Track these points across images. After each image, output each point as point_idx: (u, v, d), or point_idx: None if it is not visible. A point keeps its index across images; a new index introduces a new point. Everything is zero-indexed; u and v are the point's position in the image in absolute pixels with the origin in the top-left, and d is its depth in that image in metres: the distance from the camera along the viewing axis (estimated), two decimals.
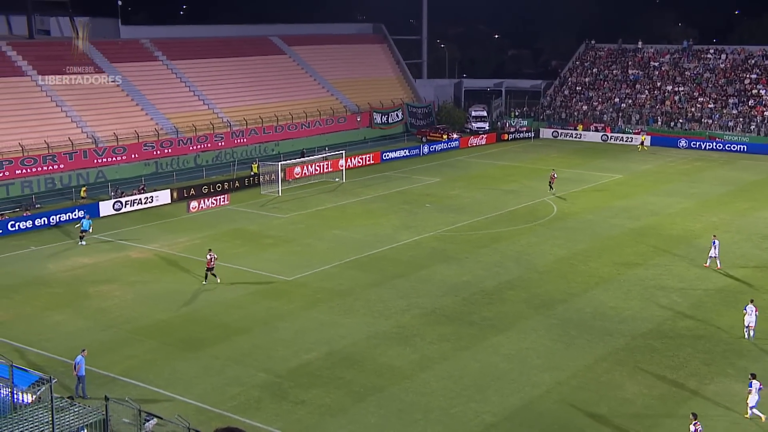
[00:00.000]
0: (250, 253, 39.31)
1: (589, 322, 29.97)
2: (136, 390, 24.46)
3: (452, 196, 51.73)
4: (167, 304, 32.11)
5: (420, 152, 68.34)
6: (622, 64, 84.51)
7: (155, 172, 58.08)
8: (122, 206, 47.92)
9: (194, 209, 48.29)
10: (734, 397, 23.94)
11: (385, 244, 40.43)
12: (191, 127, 63.09)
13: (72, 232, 42.54)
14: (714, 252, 35.68)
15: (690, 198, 50.80)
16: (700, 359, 26.63)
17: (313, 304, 32.00)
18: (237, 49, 75.40)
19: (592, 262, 37.18)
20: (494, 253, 38.84)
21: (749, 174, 59.00)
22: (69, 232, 43.04)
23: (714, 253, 35.70)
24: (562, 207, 48.26)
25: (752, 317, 28.14)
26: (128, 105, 63.23)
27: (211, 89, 69.24)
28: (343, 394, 24.38)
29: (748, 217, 45.67)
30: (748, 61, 78.49)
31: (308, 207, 49.14)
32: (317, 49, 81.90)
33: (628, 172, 59.92)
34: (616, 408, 23.45)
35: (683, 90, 78.33)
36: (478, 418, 22.90)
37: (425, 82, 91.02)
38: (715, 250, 35.64)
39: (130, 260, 38.42)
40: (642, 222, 44.62)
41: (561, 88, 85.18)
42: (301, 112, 71.07)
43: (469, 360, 26.71)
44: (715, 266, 35.81)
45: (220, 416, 23.03)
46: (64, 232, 43.36)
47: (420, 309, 31.36)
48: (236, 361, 26.68)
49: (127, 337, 28.83)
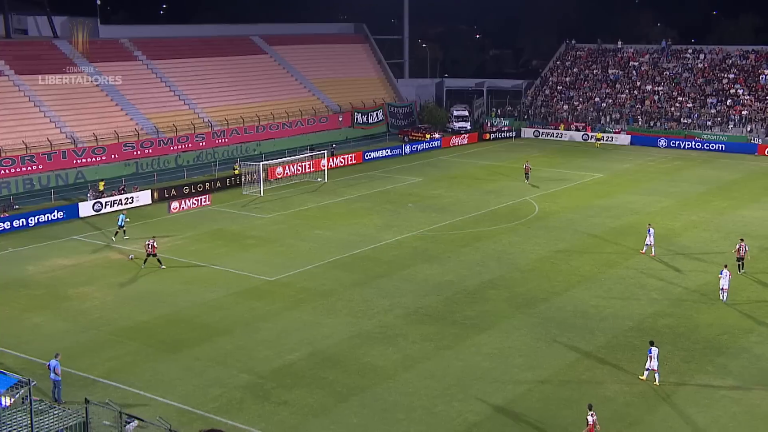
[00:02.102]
0: (232, 253, 39.13)
1: (571, 320, 30.13)
2: (116, 392, 24.25)
3: (434, 196, 51.82)
4: (148, 306, 31.88)
5: (402, 152, 68.39)
6: (602, 63, 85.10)
7: (136, 173, 57.64)
8: (102, 207, 47.51)
9: (175, 210, 47.99)
10: (714, 394, 24.18)
11: (367, 244, 40.42)
12: (172, 128, 62.70)
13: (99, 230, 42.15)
14: (650, 240, 37.63)
15: (670, 197, 51.24)
16: (680, 357, 26.86)
17: (296, 305, 31.92)
18: (218, 49, 75.03)
19: (574, 261, 37.39)
20: (476, 252, 38.95)
21: (727, 173, 59.63)
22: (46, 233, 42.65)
23: (650, 241, 37.61)
24: (544, 206, 48.51)
25: (726, 280, 31.39)
26: (108, 105, 62.71)
27: (192, 89, 68.85)
28: (326, 395, 24.33)
29: (727, 216, 46.15)
30: (725, 61, 79.32)
31: (290, 207, 49.01)
32: (298, 48, 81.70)
33: (608, 171, 60.34)
34: (598, 406, 23.52)
35: (662, 90, 79.02)
36: (460, 417, 22.95)
37: (407, 82, 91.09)
38: (651, 238, 37.62)
39: (110, 261, 38.11)
40: (622, 221, 44.95)
41: (542, 88, 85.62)
42: (282, 112, 70.86)
43: (451, 359, 26.76)
44: (650, 254, 37.52)
45: (202, 417, 22.90)
46: (42, 233, 42.91)
47: (403, 309, 31.38)
48: (218, 362, 26.55)
49: (107, 339, 28.59)
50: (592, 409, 21.21)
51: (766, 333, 28.80)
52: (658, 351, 24.80)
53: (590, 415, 21.08)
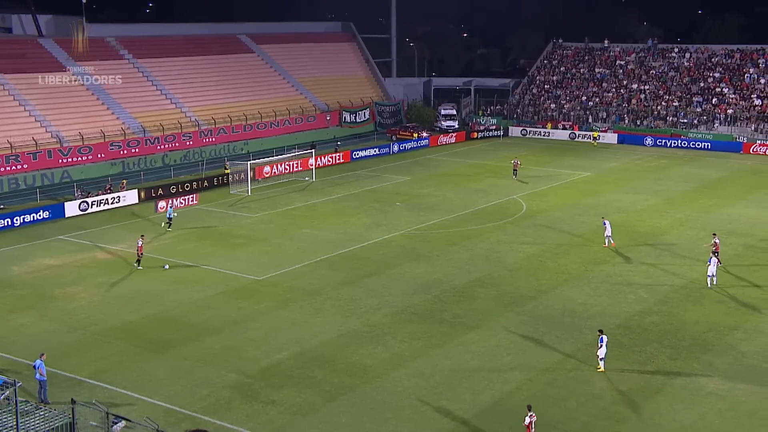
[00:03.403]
0: (220, 252, 39.00)
1: (558, 318, 30.24)
2: (103, 392, 24.12)
3: (422, 195, 51.86)
4: (135, 306, 31.72)
5: (390, 151, 68.38)
6: (589, 62, 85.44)
7: (122, 172, 57.34)
8: (88, 206, 47.24)
9: (162, 209, 47.76)
10: (700, 391, 24.34)
11: (355, 243, 40.40)
12: (159, 127, 62.41)
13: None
14: (608, 231, 39.05)
15: (656, 195, 51.51)
16: (666, 354, 27.02)
17: (284, 304, 31.86)
18: (204, 48, 74.75)
19: (561, 259, 37.52)
20: (464, 251, 39.01)
21: (713, 171, 60.02)
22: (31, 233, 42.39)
23: (608, 233, 38.99)
24: (531, 205, 48.65)
25: (714, 268, 33.26)
26: (93, 104, 62.36)
27: (179, 88, 68.57)
28: (315, 394, 24.30)
29: (713, 214, 46.45)
30: (711, 59, 79.84)
31: (278, 206, 48.90)
32: (286, 47, 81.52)
33: (595, 169, 60.59)
34: (585, 403, 23.70)
35: (649, 88, 79.42)
36: (449, 416, 22.98)
37: (394, 81, 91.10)
38: (608, 230, 39.06)
39: (97, 261, 37.89)
40: (610, 219, 45.05)
41: (529, 87, 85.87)
42: (270, 111, 70.70)
43: (440, 358, 26.79)
44: (610, 243, 38.97)
45: (190, 417, 22.81)
46: (28, 233, 42.61)
47: (391, 307, 31.39)
48: (206, 362, 26.46)
49: (94, 339, 28.43)
50: (531, 410, 21.09)
51: (752, 330, 29.02)
52: (607, 339, 25.74)
53: (529, 416, 20.94)
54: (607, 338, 25.83)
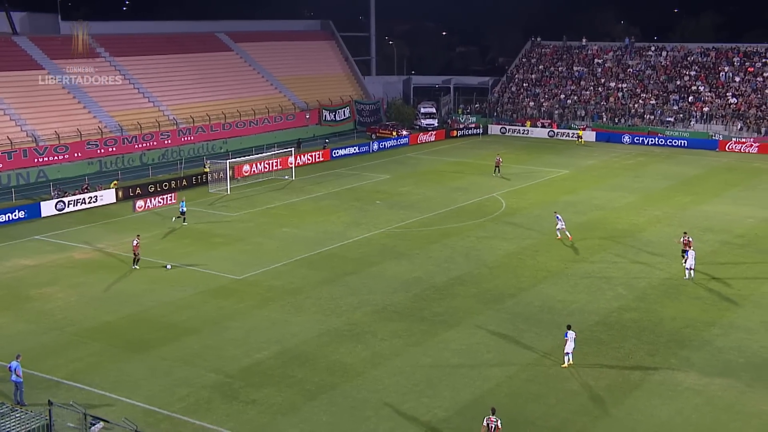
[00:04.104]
0: (199, 252, 38.76)
1: (538, 315, 30.41)
2: (81, 394, 23.88)
3: (402, 193, 51.89)
4: (113, 306, 31.44)
5: (370, 149, 68.37)
6: (567, 61, 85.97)
7: (99, 171, 56.84)
8: (65, 206, 46.75)
9: (140, 208, 47.42)
10: (677, 387, 24.58)
11: (335, 242, 40.34)
12: (136, 125, 61.90)
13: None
14: (560, 225, 40.00)
15: (634, 192, 51.95)
16: (644, 350, 27.26)
17: (264, 303, 31.74)
18: (182, 46, 74.27)
19: (540, 257, 37.73)
20: (444, 249, 39.10)
21: (690, 168, 60.65)
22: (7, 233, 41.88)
23: (561, 226, 39.94)
24: (511, 203, 48.86)
25: (692, 261, 33.87)
26: (70, 102, 61.73)
27: (157, 86, 68.05)
28: (295, 393, 24.24)
29: (690, 211, 46.94)
30: (687, 58, 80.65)
31: (258, 205, 48.70)
32: (264, 45, 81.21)
33: (574, 167, 60.99)
34: (564, 399, 23.85)
35: (626, 86, 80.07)
36: (429, 413, 23.02)
37: (374, 79, 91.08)
38: (561, 224, 40.01)
39: (74, 261, 37.51)
40: (588, 216, 45.47)
41: (508, 85, 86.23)
42: (249, 110, 70.39)
43: (420, 356, 26.83)
44: (566, 237, 39.81)
45: (169, 418, 22.66)
46: (3, 233, 42.08)
47: (371, 306, 31.38)
48: (185, 362, 26.29)
49: (71, 340, 28.14)
50: (495, 413, 20.52)
51: (728, 326, 29.37)
52: (575, 335, 25.93)
53: (487, 418, 20.38)
54: (575, 334, 25.91)
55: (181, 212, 43.82)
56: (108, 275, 35.27)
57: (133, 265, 36.06)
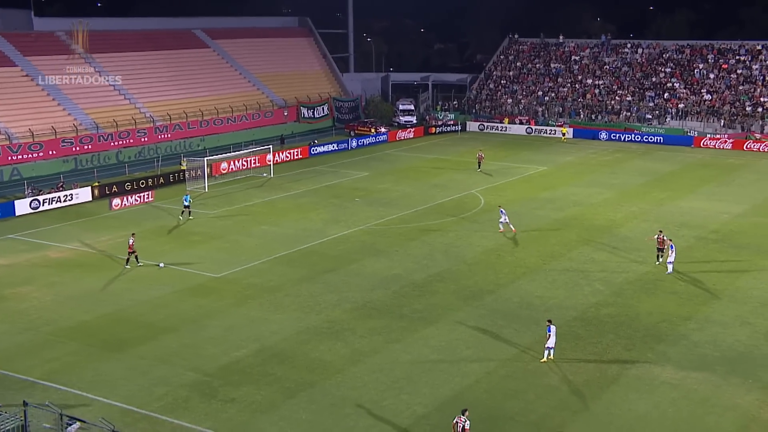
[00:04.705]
0: (177, 250, 38.49)
1: (516, 311, 30.56)
2: (57, 394, 23.63)
3: (381, 190, 51.89)
4: (90, 305, 31.13)
5: (348, 146, 68.27)
6: (545, 58, 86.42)
7: (75, 169, 56.20)
8: (40, 204, 46.18)
9: (117, 207, 46.99)
10: (654, 381, 24.83)
11: (314, 239, 40.25)
12: (112, 123, 61.28)
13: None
14: (504, 219, 40.74)
15: (611, 188, 52.37)
16: (621, 345, 27.50)
17: (243, 301, 31.59)
18: (158, 43, 73.59)
19: (519, 253, 37.91)
20: (423, 245, 39.16)
21: (665, 165, 61.25)
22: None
23: (504, 220, 40.68)
24: (489, 199, 49.04)
25: (674, 255, 34.54)
26: (44, 99, 60.94)
27: (133, 83, 67.35)
28: (274, 391, 24.16)
29: (666, 206, 47.41)
30: (662, 55, 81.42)
31: (236, 203, 48.44)
32: (242, 42, 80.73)
33: (552, 163, 61.34)
34: (543, 395, 24.00)
35: (603, 83, 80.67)
36: (409, 410, 23.05)
37: (352, 76, 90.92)
38: (504, 218, 40.75)
39: (49, 260, 37.08)
40: (566, 212, 45.76)
41: (486, 82, 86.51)
42: (226, 107, 69.97)
43: (400, 353, 26.86)
44: (510, 230, 40.50)
45: (147, 417, 22.49)
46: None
47: (350, 303, 31.35)
48: (163, 361, 26.10)
49: (47, 340, 27.82)
50: (465, 414, 20.41)
51: (703, 320, 29.71)
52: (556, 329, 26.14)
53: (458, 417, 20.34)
54: (556, 328, 26.13)
55: (185, 206, 43.84)
56: (84, 274, 34.90)
57: (136, 262, 35.59)
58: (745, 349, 27.16)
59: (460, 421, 20.33)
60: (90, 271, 35.27)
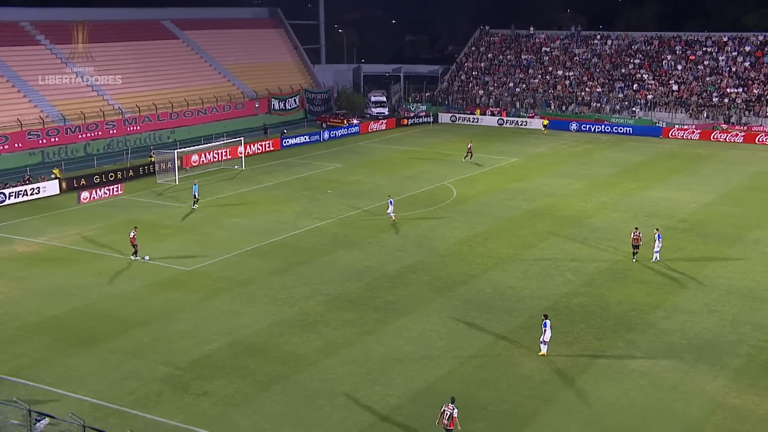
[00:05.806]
0: (147, 243, 38.02)
1: (489, 302, 30.74)
2: (25, 390, 23.30)
3: (354, 182, 51.80)
4: (58, 299, 30.70)
5: (320, 138, 68.01)
6: (516, 49, 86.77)
7: (41, 162, 55.30)
8: (6, 198, 45.41)
9: (85, 200, 46.35)
10: (624, 369, 25.16)
11: (287, 231, 40.08)
12: (80, 115, 60.37)
13: None
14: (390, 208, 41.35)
15: (582, 179, 52.83)
16: (592, 334, 27.81)
17: (215, 294, 31.38)
18: (126, 33, 72.57)
19: (491, 244, 38.12)
20: (396, 237, 39.20)
21: (635, 155, 61.92)
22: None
23: (390, 210, 41.38)
24: (461, 191, 49.21)
25: (659, 243, 34.79)
26: (9, 91, 59.83)
27: (100, 75, 66.32)
28: (247, 384, 24.06)
29: (635, 197, 47.95)
30: (631, 46, 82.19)
31: (207, 195, 48.03)
32: (212, 33, 79.92)
33: (523, 155, 61.70)
34: (515, 384, 24.20)
35: (573, 75, 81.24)
36: (383, 401, 23.11)
37: (324, 68, 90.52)
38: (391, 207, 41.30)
39: (16, 254, 36.49)
40: (537, 203, 46.09)
41: (458, 74, 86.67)
42: (197, 99, 69.27)
43: (373, 344, 26.89)
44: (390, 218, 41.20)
45: (118, 412, 22.28)
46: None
47: (324, 295, 31.31)
48: (134, 355, 25.86)
49: (14, 335, 27.40)
50: (455, 402, 20.60)
51: (671, 309, 30.15)
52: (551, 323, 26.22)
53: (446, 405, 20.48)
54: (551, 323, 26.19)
55: (194, 196, 44.41)
56: (52, 268, 34.40)
57: (134, 256, 35.33)
58: (712, 336, 27.62)
59: (448, 409, 20.49)
60: (58, 266, 34.78)
